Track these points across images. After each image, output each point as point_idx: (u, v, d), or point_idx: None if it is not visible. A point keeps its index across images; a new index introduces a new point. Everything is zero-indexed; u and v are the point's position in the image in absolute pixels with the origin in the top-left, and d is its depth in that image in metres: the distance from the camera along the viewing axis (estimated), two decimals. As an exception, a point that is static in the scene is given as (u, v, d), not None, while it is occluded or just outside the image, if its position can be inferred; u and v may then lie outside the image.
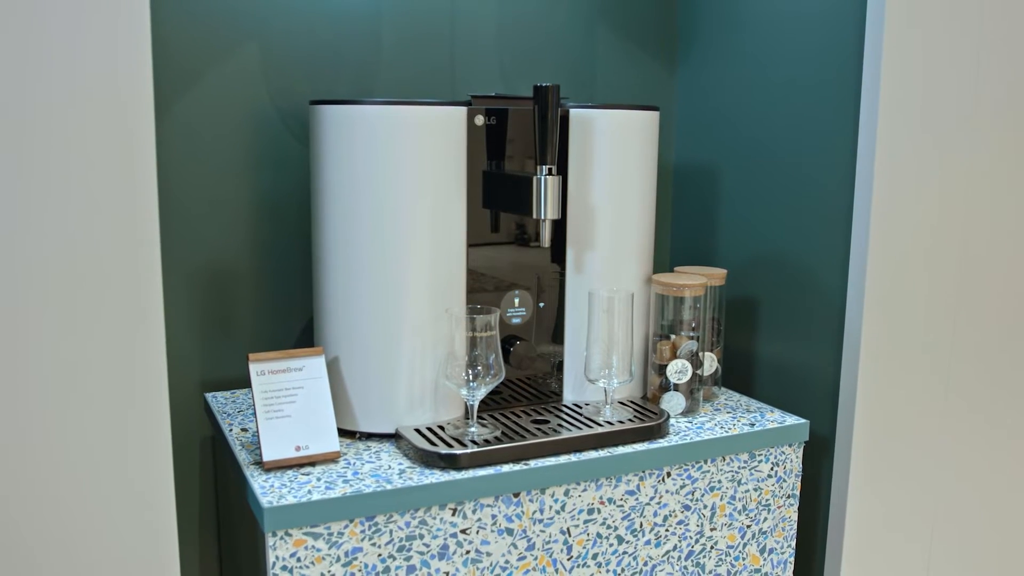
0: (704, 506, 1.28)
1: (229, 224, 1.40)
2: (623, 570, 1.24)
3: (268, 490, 1.05)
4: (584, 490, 1.19)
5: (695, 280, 1.33)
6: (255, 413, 1.12)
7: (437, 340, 1.20)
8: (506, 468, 1.13)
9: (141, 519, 0.94)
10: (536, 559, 1.17)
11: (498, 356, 1.17)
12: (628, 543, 1.23)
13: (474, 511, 1.12)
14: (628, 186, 1.32)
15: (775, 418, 1.35)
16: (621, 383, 1.27)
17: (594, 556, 1.21)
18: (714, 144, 1.58)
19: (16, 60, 0.84)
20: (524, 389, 1.33)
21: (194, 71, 1.35)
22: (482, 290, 1.27)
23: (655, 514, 1.24)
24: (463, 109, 1.20)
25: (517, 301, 1.30)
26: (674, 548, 1.27)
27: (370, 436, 1.23)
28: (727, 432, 1.28)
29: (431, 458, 1.13)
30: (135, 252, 0.90)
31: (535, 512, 1.16)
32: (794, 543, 1.37)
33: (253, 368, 1.13)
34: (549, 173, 1.17)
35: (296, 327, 1.47)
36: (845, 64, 1.31)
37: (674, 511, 1.26)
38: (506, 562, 1.16)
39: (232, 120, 1.38)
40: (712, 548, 1.30)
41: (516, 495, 1.14)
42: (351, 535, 1.06)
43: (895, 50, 1.25)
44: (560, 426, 1.23)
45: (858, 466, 1.34)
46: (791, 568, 1.38)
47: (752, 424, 1.32)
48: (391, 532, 1.08)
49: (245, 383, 1.44)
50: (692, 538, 1.28)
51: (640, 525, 1.24)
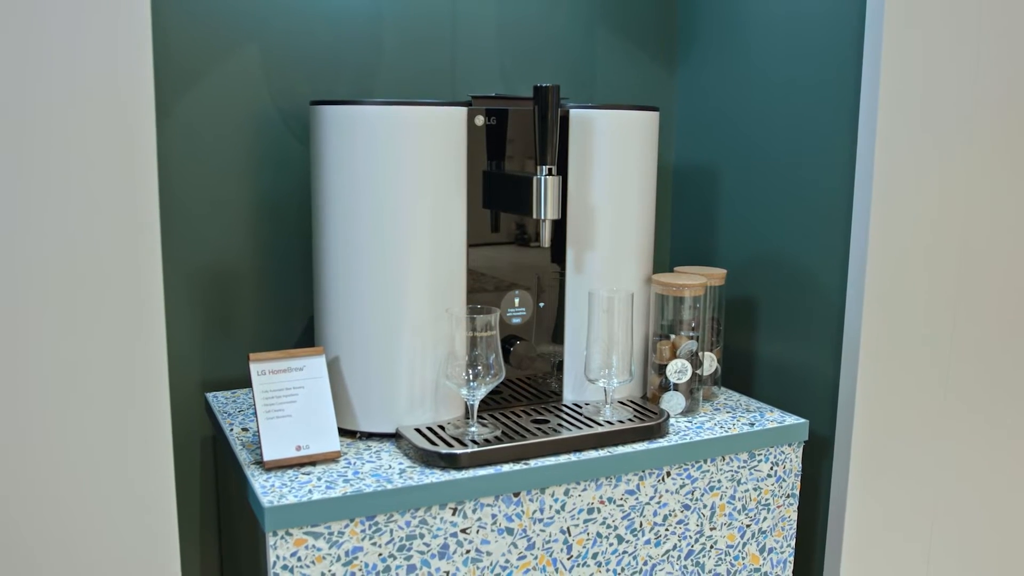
0: (704, 506, 1.28)
1: (230, 224, 1.40)
2: (623, 569, 1.24)
3: (269, 490, 1.05)
4: (584, 490, 1.19)
5: (695, 280, 1.33)
6: (256, 413, 1.12)
7: (437, 340, 1.21)
8: (506, 468, 1.14)
9: (142, 519, 0.94)
10: (536, 558, 1.17)
11: (498, 356, 1.17)
12: (628, 542, 1.23)
13: (474, 511, 1.13)
14: (628, 186, 1.32)
15: (775, 418, 1.35)
16: (621, 383, 1.28)
17: (594, 555, 1.21)
18: (714, 144, 1.58)
19: (16, 60, 0.84)
20: (524, 389, 1.33)
21: (195, 71, 1.35)
22: (482, 290, 1.27)
23: (655, 514, 1.24)
24: (463, 109, 1.20)
25: (517, 301, 1.31)
26: (674, 547, 1.27)
27: (370, 436, 1.23)
28: (727, 432, 1.28)
29: (431, 458, 1.13)
30: (136, 252, 0.90)
31: (535, 512, 1.16)
32: (794, 542, 1.38)
33: (254, 368, 1.13)
34: (549, 173, 1.17)
35: (297, 327, 1.47)
36: (844, 64, 1.31)
37: (674, 511, 1.26)
38: (506, 561, 1.16)
39: (233, 120, 1.38)
40: (712, 547, 1.30)
41: (516, 495, 1.15)
42: (351, 534, 1.06)
43: (894, 50, 1.25)
44: (560, 426, 1.23)
45: (857, 465, 1.34)
46: (791, 567, 1.38)
47: (752, 424, 1.32)
48: (391, 531, 1.08)
49: (246, 383, 1.44)
50: (692, 537, 1.28)
51: (640, 525, 1.24)
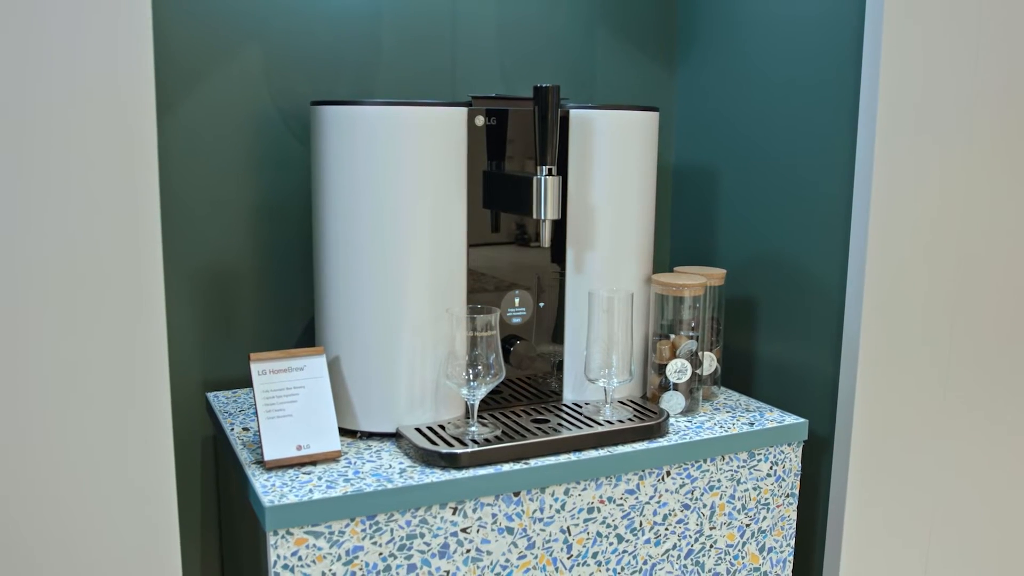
0: (703, 505, 1.28)
1: (231, 224, 1.40)
2: (623, 569, 1.24)
3: (269, 489, 1.06)
4: (584, 489, 1.19)
5: (694, 280, 1.34)
6: (256, 412, 1.12)
7: (438, 340, 1.21)
8: (506, 467, 1.14)
9: (143, 518, 0.94)
10: (536, 558, 1.18)
11: (498, 356, 1.18)
12: (628, 542, 1.24)
13: (474, 510, 1.13)
14: (628, 186, 1.32)
15: (774, 417, 1.35)
16: (621, 383, 1.28)
17: (594, 555, 1.21)
18: (714, 145, 1.59)
19: (16, 60, 0.84)
20: (524, 389, 1.33)
21: (195, 72, 1.35)
22: (482, 290, 1.28)
23: (655, 513, 1.25)
24: (463, 110, 1.20)
25: (517, 301, 1.31)
26: (674, 547, 1.27)
27: (371, 435, 1.24)
28: (726, 431, 1.28)
29: (432, 457, 1.13)
30: (137, 252, 0.91)
31: (535, 511, 1.16)
32: (793, 542, 1.38)
33: (254, 368, 1.13)
34: (549, 173, 1.17)
35: (297, 327, 1.47)
36: (844, 65, 1.31)
37: (673, 510, 1.26)
38: (506, 561, 1.16)
39: (233, 121, 1.38)
40: (711, 547, 1.30)
41: (516, 494, 1.15)
42: (352, 534, 1.07)
43: (894, 51, 1.26)
44: (560, 425, 1.23)
45: (857, 465, 1.34)
46: (790, 567, 1.38)
47: (751, 423, 1.32)
48: (392, 531, 1.09)
49: (246, 383, 1.45)
50: (691, 537, 1.28)
51: (640, 524, 1.24)
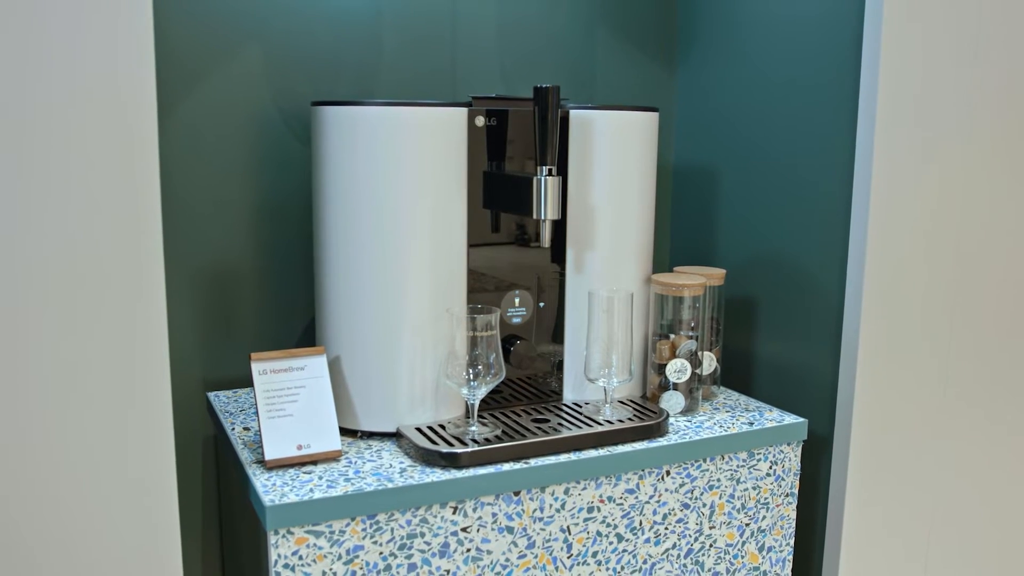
0: (703, 504, 1.28)
1: (231, 224, 1.41)
2: (623, 568, 1.24)
3: (270, 488, 1.06)
4: (584, 488, 1.19)
5: (694, 280, 1.34)
6: (257, 412, 1.12)
7: (438, 339, 1.21)
8: (506, 467, 1.14)
9: (143, 518, 0.95)
10: (536, 557, 1.18)
11: (498, 355, 1.18)
12: (628, 541, 1.24)
13: (475, 509, 1.13)
14: (628, 186, 1.32)
15: (774, 417, 1.35)
16: (621, 382, 1.28)
17: (594, 554, 1.22)
18: (713, 145, 1.59)
19: (17, 60, 0.84)
20: (524, 388, 1.33)
21: (196, 72, 1.35)
22: (482, 290, 1.28)
23: (654, 512, 1.25)
24: (463, 110, 1.20)
25: (517, 301, 1.31)
26: (673, 546, 1.27)
27: (371, 435, 1.24)
28: (726, 431, 1.28)
29: (432, 457, 1.13)
30: (138, 252, 0.91)
31: (535, 510, 1.17)
32: (792, 541, 1.38)
33: (255, 367, 1.13)
34: (549, 174, 1.18)
35: (298, 327, 1.47)
36: (844, 65, 1.31)
37: (673, 509, 1.26)
38: (506, 560, 1.16)
39: (234, 121, 1.38)
40: (711, 546, 1.31)
41: (516, 493, 1.15)
42: (352, 533, 1.07)
43: (893, 51, 1.26)
44: (560, 425, 1.23)
45: (856, 464, 1.35)
46: (789, 566, 1.39)
47: (751, 423, 1.32)
48: (392, 530, 1.09)
49: (247, 382, 1.45)
50: (691, 536, 1.29)
51: (639, 523, 1.24)
